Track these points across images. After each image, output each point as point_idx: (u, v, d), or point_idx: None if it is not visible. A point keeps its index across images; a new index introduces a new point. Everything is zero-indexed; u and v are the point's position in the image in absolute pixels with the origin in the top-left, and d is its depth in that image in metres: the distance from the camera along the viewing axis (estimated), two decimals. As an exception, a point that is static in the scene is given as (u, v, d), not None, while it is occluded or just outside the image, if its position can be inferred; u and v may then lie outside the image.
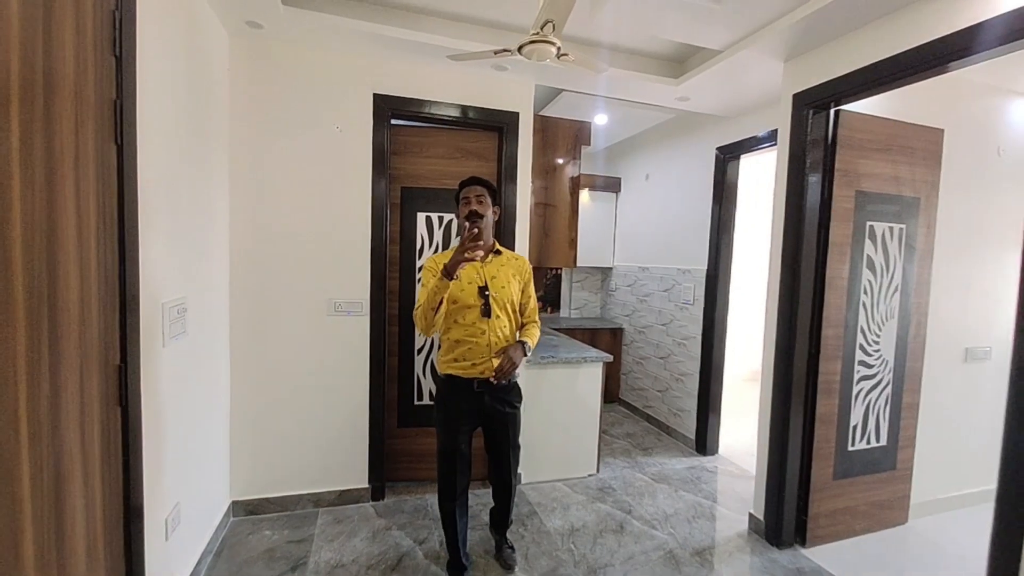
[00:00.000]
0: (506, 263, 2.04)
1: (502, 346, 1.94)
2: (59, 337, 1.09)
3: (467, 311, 1.92)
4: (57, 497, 1.10)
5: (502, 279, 1.98)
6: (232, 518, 2.42)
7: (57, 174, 1.08)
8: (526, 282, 2.07)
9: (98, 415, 1.27)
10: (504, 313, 1.96)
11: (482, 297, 1.92)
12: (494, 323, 1.93)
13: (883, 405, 2.50)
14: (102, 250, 1.26)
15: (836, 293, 2.29)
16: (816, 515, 2.37)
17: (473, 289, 1.93)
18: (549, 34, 1.76)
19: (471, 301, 1.92)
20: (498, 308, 1.94)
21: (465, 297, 1.92)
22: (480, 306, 1.91)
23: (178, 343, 1.75)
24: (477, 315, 1.92)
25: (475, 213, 1.94)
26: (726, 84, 2.69)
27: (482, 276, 1.96)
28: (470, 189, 2.00)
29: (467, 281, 1.94)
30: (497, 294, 1.95)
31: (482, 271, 1.97)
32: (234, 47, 2.29)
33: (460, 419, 1.97)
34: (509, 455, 2.05)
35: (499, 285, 1.97)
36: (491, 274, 1.98)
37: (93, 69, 1.22)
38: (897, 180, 2.39)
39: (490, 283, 1.95)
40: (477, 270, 1.96)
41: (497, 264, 2.02)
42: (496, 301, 1.94)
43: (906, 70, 1.90)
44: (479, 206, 1.96)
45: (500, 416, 2.00)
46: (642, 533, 2.45)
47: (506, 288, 1.97)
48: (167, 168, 1.65)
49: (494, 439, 2.06)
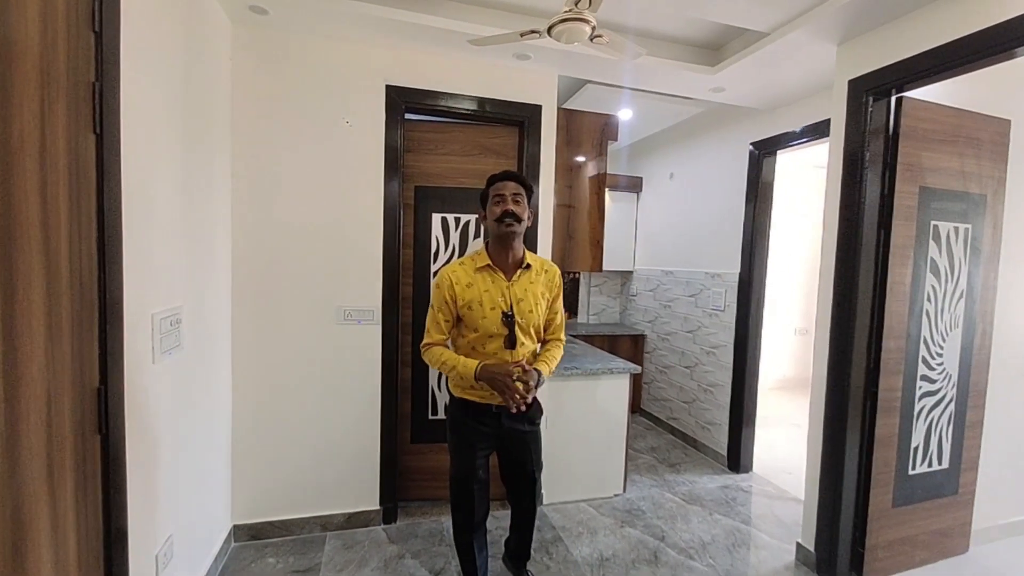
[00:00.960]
0: (535, 278, 1.75)
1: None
2: (18, 361, 0.91)
3: (489, 340, 1.67)
4: (16, 544, 0.92)
5: (530, 300, 1.70)
6: (234, 543, 2.25)
7: (15, 166, 0.90)
8: (555, 296, 1.80)
9: (71, 445, 1.09)
10: (529, 338, 1.72)
11: (506, 326, 1.65)
12: (519, 352, 1.68)
13: (946, 424, 2.26)
14: (76, 256, 1.09)
15: (898, 300, 2.06)
16: (874, 546, 2.14)
17: (496, 316, 1.66)
18: (584, 10, 1.57)
19: (494, 330, 1.66)
20: (523, 335, 1.69)
21: (487, 325, 1.66)
22: (504, 336, 1.66)
23: (171, 358, 1.57)
24: (500, 345, 1.66)
25: (511, 214, 1.64)
26: (767, 72, 2.47)
27: (507, 300, 1.67)
28: (504, 185, 1.68)
29: (490, 307, 1.66)
30: (523, 319, 1.68)
31: (508, 293, 1.68)
32: (236, 35, 2.12)
33: (476, 443, 1.75)
34: (531, 479, 1.83)
35: (526, 309, 1.69)
36: (518, 296, 1.69)
37: (65, 45, 1.05)
38: (963, 175, 2.16)
39: (516, 308, 1.67)
40: (503, 292, 1.68)
41: (526, 281, 1.72)
42: (521, 328, 1.68)
43: (976, 53, 1.70)
44: (516, 206, 1.65)
45: (519, 436, 1.76)
46: (679, 564, 2.23)
47: (534, 311, 1.71)
48: (158, 163, 1.48)
49: (513, 462, 1.82)
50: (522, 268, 1.73)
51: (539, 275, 1.76)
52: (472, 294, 1.67)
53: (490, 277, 1.70)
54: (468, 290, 1.67)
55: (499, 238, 1.69)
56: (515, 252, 1.72)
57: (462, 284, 1.68)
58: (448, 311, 1.70)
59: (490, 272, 1.70)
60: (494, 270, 1.70)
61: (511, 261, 1.72)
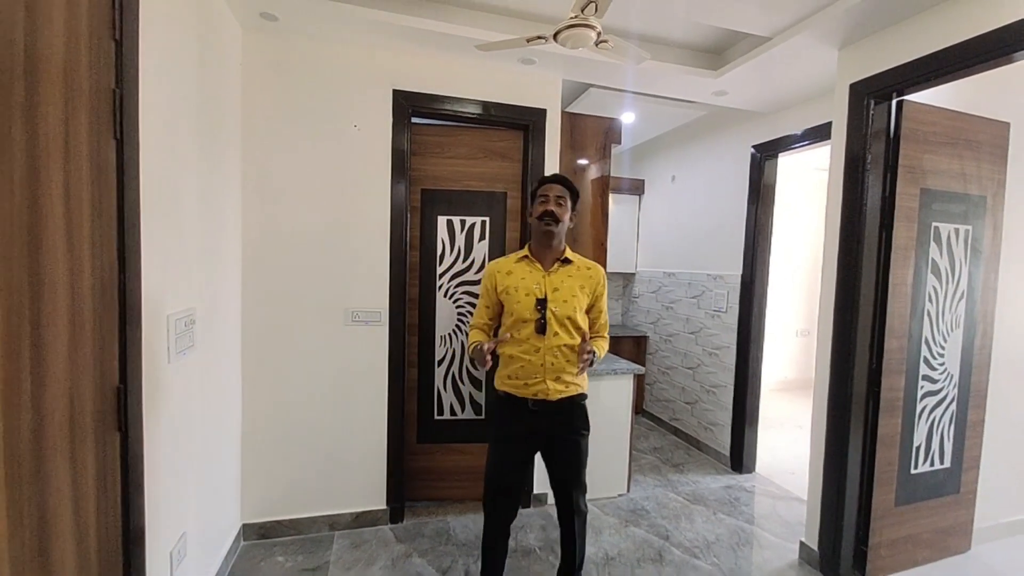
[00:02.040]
0: (575, 273, 1.80)
1: (559, 366, 1.72)
2: (44, 359, 0.94)
3: (523, 325, 1.73)
4: (42, 545, 0.95)
5: (565, 292, 1.75)
6: (243, 542, 2.27)
7: (42, 170, 0.93)
8: (597, 295, 1.83)
9: (92, 444, 1.11)
10: (564, 330, 1.73)
11: (538, 311, 1.72)
12: (550, 340, 1.71)
13: (947, 423, 2.28)
14: (98, 258, 1.12)
15: (900, 301, 2.08)
16: (877, 545, 2.15)
17: (531, 302, 1.73)
18: (590, 16, 1.60)
19: (527, 315, 1.72)
20: (556, 324, 1.72)
21: (521, 310, 1.73)
22: (536, 320, 1.71)
23: (185, 358, 1.60)
24: (532, 330, 1.72)
25: (550, 214, 1.74)
26: (770, 76, 2.50)
27: (543, 288, 1.75)
28: (550, 187, 1.79)
29: (524, 293, 1.74)
30: (557, 308, 1.73)
31: (544, 282, 1.76)
32: (247, 42, 2.15)
33: (514, 439, 1.78)
34: (570, 488, 1.79)
35: (561, 299, 1.74)
36: (554, 285, 1.76)
37: (88, 53, 1.08)
38: (963, 177, 2.19)
39: (551, 295, 1.74)
40: (538, 280, 1.76)
41: (564, 274, 1.79)
42: (555, 316, 1.72)
43: (975, 57, 1.74)
44: (557, 208, 1.75)
45: (561, 443, 1.77)
46: (684, 563, 2.25)
47: (569, 302, 1.74)
48: (173, 167, 1.51)
49: (555, 471, 1.81)
50: (560, 262, 1.80)
51: (579, 271, 1.81)
52: (510, 281, 1.79)
53: (528, 267, 1.80)
54: (507, 277, 1.80)
55: (539, 234, 1.80)
56: (555, 248, 1.81)
57: (503, 272, 1.82)
58: (489, 297, 1.84)
59: (529, 263, 1.81)
60: (532, 261, 1.81)
61: (550, 255, 1.81)
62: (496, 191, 2.65)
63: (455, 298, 2.66)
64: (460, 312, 2.67)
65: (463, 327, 2.67)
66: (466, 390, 2.71)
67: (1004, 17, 1.63)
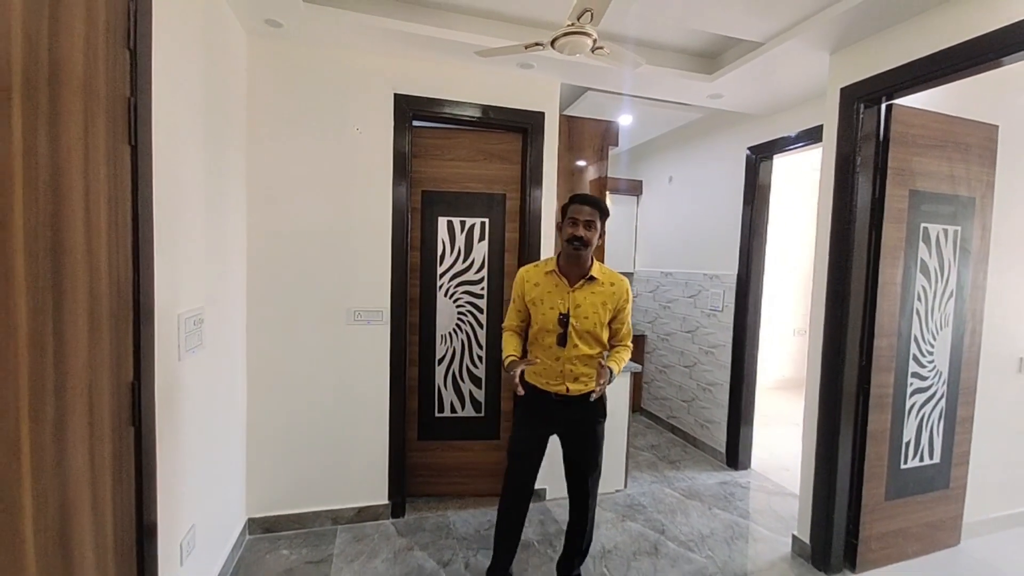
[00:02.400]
0: (598, 290, 1.88)
1: (578, 371, 1.85)
2: (66, 355, 0.99)
3: (546, 335, 1.87)
4: (63, 530, 1.00)
5: (587, 308, 1.85)
6: (248, 536, 2.32)
7: (64, 175, 0.98)
8: (620, 308, 1.91)
9: (109, 437, 1.17)
10: (584, 342, 1.85)
11: (561, 325, 1.83)
12: (569, 352, 1.84)
13: (936, 419, 2.33)
14: (114, 259, 1.17)
15: (889, 300, 2.14)
16: (867, 538, 2.21)
17: (554, 316, 1.85)
18: (586, 24, 1.65)
19: (550, 327, 1.85)
20: (576, 338, 1.84)
21: (544, 322, 1.87)
22: (558, 334, 1.83)
23: (194, 356, 1.65)
24: (554, 341, 1.84)
25: (579, 239, 1.80)
26: (763, 79, 2.55)
27: (566, 303, 1.85)
28: (580, 209, 1.83)
29: (549, 306, 1.86)
30: (578, 323, 1.83)
31: (568, 298, 1.86)
32: (252, 47, 2.20)
33: (537, 421, 1.94)
34: (582, 479, 1.92)
35: (583, 315, 1.84)
36: (577, 302, 1.85)
37: (105, 63, 1.13)
38: (952, 179, 2.24)
39: (573, 312, 1.84)
40: (563, 296, 1.86)
41: (588, 291, 1.87)
42: (576, 331, 1.83)
43: (964, 62, 1.78)
44: (586, 232, 1.81)
45: (578, 429, 1.91)
46: (678, 556, 2.30)
47: (590, 318, 1.84)
48: (183, 171, 1.56)
49: (571, 454, 1.95)
50: (586, 279, 1.87)
51: (603, 287, 1.88)
52: (537, 292, 1.90)
53: (555, 282, 1.88)
54: (535, 288, 1.91)
55: (567, 254, 1.87)
56: (581, 266, 1.88)
57: (531, 283, 1.93)
58: (520, 302, 1.97)
59: (556, 277, 1.89)
60: (560, 276, 1.88)
61: (577, 272, 1.88)
62: (495, 193, 2.70)
63: (455, 298, 2.71)
64: (460, 311, 2.72)
65: (463, 326, 2.72)
66: (466, 388, 2.76)
67: (990, 23, 1.68)
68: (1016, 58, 1.73)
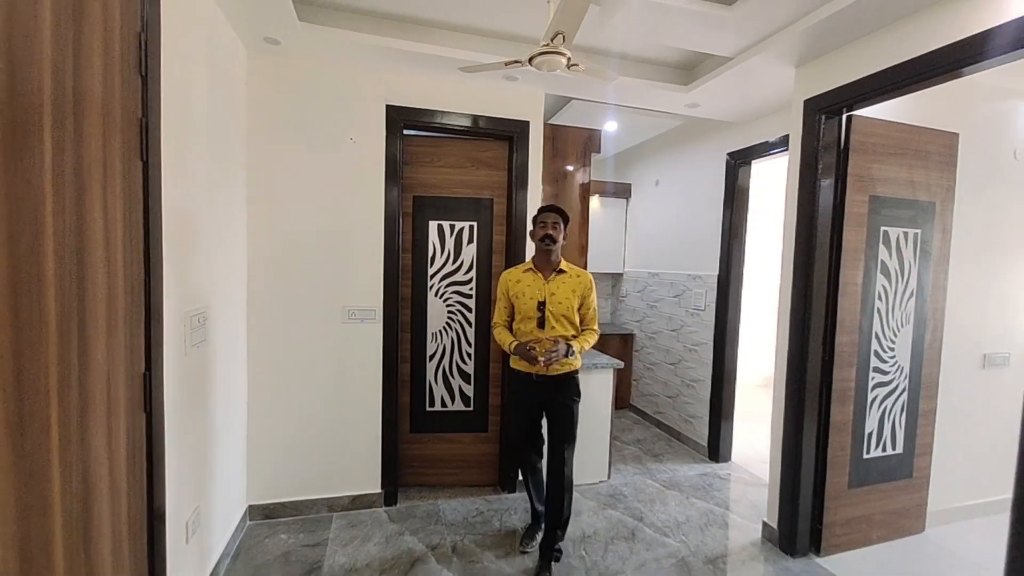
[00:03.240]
0: (567, 280, 2.23)
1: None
2: (88, 348, 1.13)
3: (527, 320, 2.22)
4: (85, 502, 1.14)
5: (560, 296, 2.20)
6: (249, 522, 2.47)
7: (86, 191, 1.12)
8: (585, 295, 2.25)
9: (124, 422, 1.31)
10: (559, 324, 2.19)
11: (539, 310, 2.19)
12: (547, 333, 2.18)
13: (899, 412, 2.47)
14: (129, 263, 1.31)
15: (850, 299, 2.27)
16: (831, 524, 2.34)
17: (533, 304, 2.21)
18: (559, 45, 1.79)
19: (530, 313, 2.21)
20: (553, 320, 2.19)
21: (526, 309, 2.22)
22: (537, 318, 2.19)
23: (199, 351, 1.80)
24: (534, 325, 2.19)
25: (549, 237, 2.20)
26: (736, 90, 2.69)
27: (543, 293, 2.21)
28: (547, 215, 2.24)
29: (529, 296, 2.21)
30: (554, 309, 2.19)
31: (544, 288, 2.21)
32: (252, 63, 2.35)
33: (525, 405, 2.28)
34: (563, 441, 2.21)
35: (556, 301, 2.19)
36: (551, 291, 2.21)
37: (120, 88, 1.27)
38: (912, 184, 2.37)
39: (548, 299, 2.20)
40: (540, 287, 2.22)
41: (559, 282, 2.23)
42: (552, 315, 2.18)
43: (917, 75, 1.90)
44: (553, 231, 2.21)
45: (557, 407, 2.22)
46: (654, 541, 2.44)
47: (563, 303, 2.19)
48: (191, 183, 1.70)
49: (552, 430, 2.26)
50: (556, 272, 2.24)
51: (571, 278, 2.25)
52: (519, 288, 2.25)
53: (532, 276, 2.25)
54: (516, 284, 2.26)
55: (540, 252, 2.26)
56: (552, 261, 2.25)
57: (514, 280, 2.28)
58: (505, 300, 2.31)
59: (533, 273, 2.26)
60: (536, 272, 2.26)
61: (549, 267, 2.25)
62: (483, 198, 2.85)
63: (445, 297, 2.85)
64: (450, 310, 2.86)
65: (453, 325, 2.87)
66: (456, 383, 2.90)
67: (945, 37, 1.78)
68: (974, 69, 1.81)
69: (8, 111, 0.90)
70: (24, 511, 0.95)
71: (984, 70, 1.80)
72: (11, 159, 0.90)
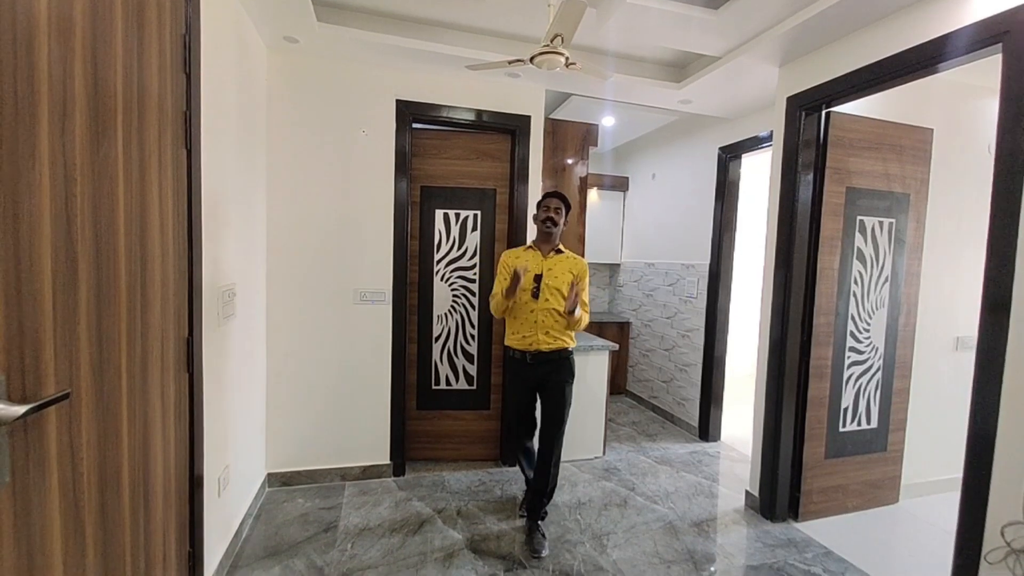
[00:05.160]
0: (564, 260, 2.39)
1: (548, 324, 2.31)
2: (147, 311, 1.31)
3: (523, 293, 2.34)
4: (146, 445, 1.32)
5: (557, 271, 2.35)
6: (268, 488, 2.66)
7: (147, 176, 1.30)
8: (580, 277, 2.36)
9: (174, 377, 1.49)
10: (553, 297, 2.32)
11: (536, 282, 2.33)
12: (541, 304, 2.31)
13: (874, 390, 2.64)
14: (177, 240, 1.49)
15: (827, 283, 2.45)
16: (808, 491, 2.53)
17: (530, 277, 2.34)
18: (558, 46, 1.96)
19: (527, 286, 2.34)
20: (547, 293, 2.32)
21: (524, 282, 2.34)
22: (532, 289, 2.33)
23: (230, 323, 1.98)
24: (530, 296, 2.33)
25: (551, 219, 2.36)
26: (726, 87, 2.85)
27: (540, 267, 2.37)
28: (551, 200, 2.39)
29: (527, 270, 2.34)
30: (550, 281, 2.33)
31: (542, 264, 2.37)
32: (272, 60, 2.52)
33: (521, 385, 2.41)
34: (557, 421, 2.33)
35: (553, 275, 2.34)
36: (548, 267, 2.36)
37: (171, 86, 1.44)
38: (887, 177, 2.54)
39: (546, 273, 2.35)
40: (538, 263, 2.37)
41: (556, 260, 2.38)
42: (547, 287, 2.32)
43: (890, 74, 2.07)
44: (556, 215, 2.36)
45: (551, 387, 2.34)
46: (644, 507, 2.63)
47: (559, 278, 2.34)
48: (222, 170, 1.88)
49: (546, 405, 2.38)
50: (555, 252, 2.40)
51: (568, 258, 2.41)
52: (518, 263, 2.35)
53: (532, 254, 2.40)
54: (517, 260, 2.40)
55: (541, 233, 2.40)
56: (552, 242, 2.41)
57: (514, 256, 2.43)
58: (505, 273, 2.41)
59: (533, 251, 2.42)
60: (535, 250, 2.41)
61: (548, 246, 2.40)
62: (487, 188, 3.02)
63: (450, 282, 3.03)
64: (455, 295, 3.04)
65: (458, 308, 3.04)
66: (460, 363, 3.09)
67: (923, 35, 1.92)
68: (947, 66, 1.94)
69: (93, 103, 1.07)
70: (100, 446, 1.13)
71: (949, 69, 1.96)
72: (95, 144, 1.07)
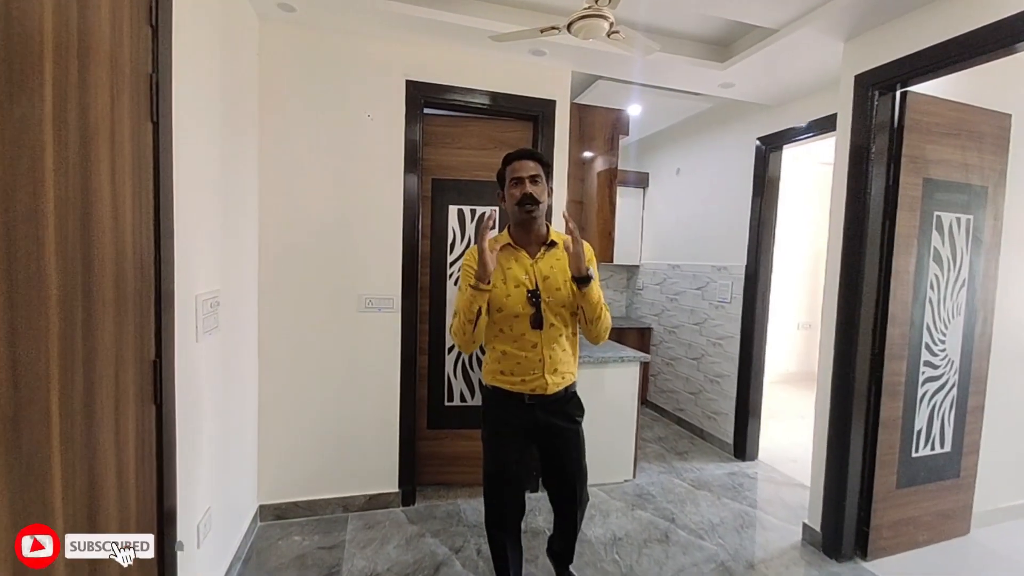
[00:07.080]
0: (562, 255, 1.62)
1: (557, 358, 1.60)
2: (93, 328, 0.99)
3: (515, 320, 1.57)
4: (90, 501, 1.00)
5: (556, 279, 1.59)
6: (260, 523, 2.33)
7: (92, 149, 0.98)
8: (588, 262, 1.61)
9: (133, 413, 1.17)
10: (559, 319, 1.59)
11: (532, 304, 1.56)
12: (548, 333, 1.57)
13: (948, 408, 2.33)
14: (137, 236, 1.17)
15: (902, 288, 2.13)
16: (878, 526, 2.21)
17: (521, 294, 1.56)
18: (604, 7, 1.65)
19: (519, 309, 1.56)
20: (552, 315, 1.57)
21: (512, 304, 1.56)
22: (530, 315, 1.56)
23: (211, 338, 1.65)
24: (527, 325, 1.56)
25: (529, 197, 1.54)
26: (775, 68, 2.55)
27: (532, 278, 1.58)
28: (521, 165, 1.57)
29: (514, 284, 1.57)
30: (550, 297, 1.57)
31: (532, 270, 1.59)
32: (264, 32, 2.20)
33: (509, 436, 1.64)
34: (574, 480, 1.68)
35: (553, 287, 1.58)
36: (543, 273, 1.59)
37: (129, 37, 1.13)
38: (966, 167, 2.23)
39: (542, 285, 1.58)
40: (527, 269, 1.59)
41: (551, 259, 1.62)
42: (549, 307, 1.57)
43: (978, 49, 1.78)
44: (534, 187, 1.55)
45: (558, 432, 1.64)
46: (689, 543, 2.31)
47: (562, 289, 1.58)
48: (200, 152, 1.56)
49: (553, 461, 1.69)
50: (546, 246, 1.64)
51: (565, 252, 1.60)
52: (495, 272, 1.58)
53: (512, 256, 1.62)
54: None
55: (519, 221, 1.62)
56: (538, 231, 1.63)
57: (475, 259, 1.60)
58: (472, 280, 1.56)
59: (512, 251, 1.63)
60: (516, 248, 1.63)
61: (534, 240, 1.64)
62: (506, 181, 2.70)
63: (465, 286, 2.71)
64: (470, 300, 2.72)
65: (473, 315, 2.72)
66: (476, 377, 2.76)
67: (1005, 9, 1.67)
68: None
69: (5, 44, 0.75)
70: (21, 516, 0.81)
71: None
72: (6, 97, 0.76)
